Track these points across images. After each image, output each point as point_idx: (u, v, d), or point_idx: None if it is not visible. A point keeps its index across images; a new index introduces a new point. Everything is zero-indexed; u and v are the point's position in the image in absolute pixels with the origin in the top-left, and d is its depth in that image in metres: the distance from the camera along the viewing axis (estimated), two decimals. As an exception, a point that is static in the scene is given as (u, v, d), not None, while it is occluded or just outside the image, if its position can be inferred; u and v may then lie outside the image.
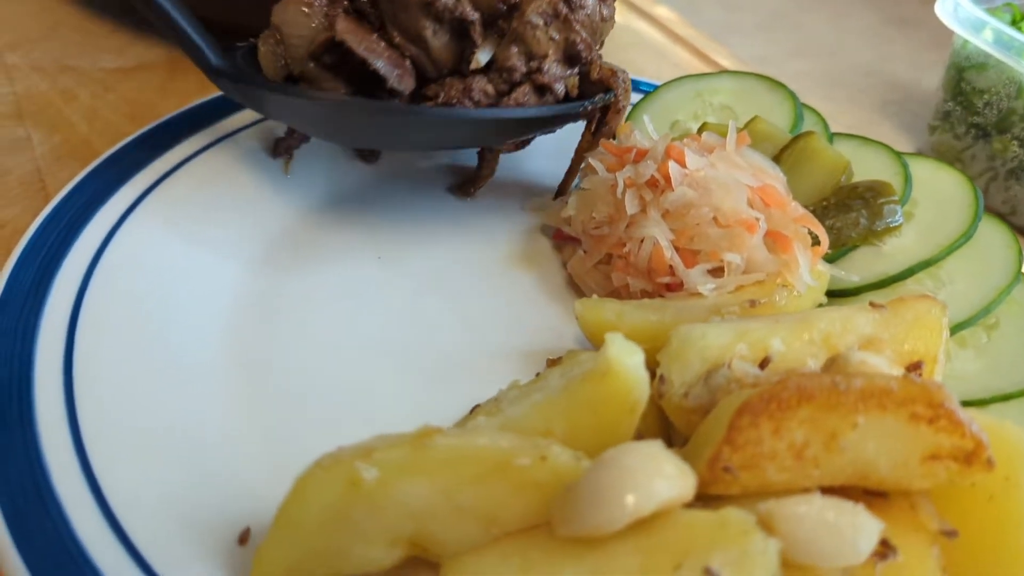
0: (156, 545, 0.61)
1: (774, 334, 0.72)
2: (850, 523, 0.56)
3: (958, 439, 0.59)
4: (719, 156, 0.93)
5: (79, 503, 0.63)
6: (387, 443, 0.60)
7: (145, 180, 0.92)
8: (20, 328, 0.73)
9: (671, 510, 0.57)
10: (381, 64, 0.87)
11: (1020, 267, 0.91)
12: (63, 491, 0.63)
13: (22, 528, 0.60)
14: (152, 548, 0.61)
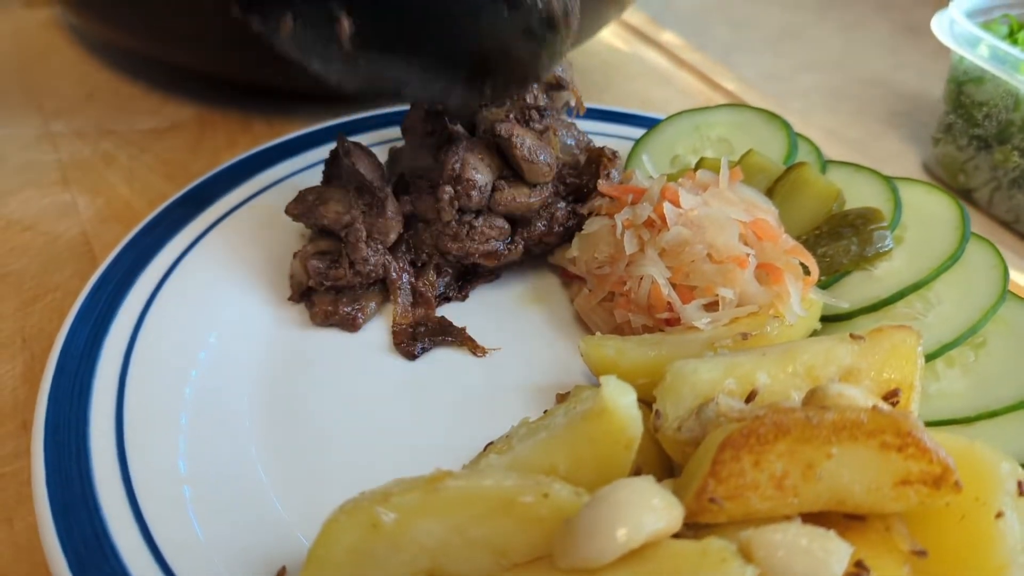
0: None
1: (760, 368, 0.77)
2: (822, 548, 0.61)
3: (926, 464, 0.65)
4: (712, 193, 0.99)
5: (134, 549, 0.70)
6: (403, 487, 0.67)
7: (183, 242, 1.00)
8: (76, 391, 0.82)
9: (660, 540, 0.63)
10: None
11: (1006, 287, 0.95)
12: (119, 540, 0.71)
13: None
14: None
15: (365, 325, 0.99)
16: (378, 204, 0.94)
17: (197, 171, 1.27)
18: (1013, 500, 0.67)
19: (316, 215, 0.96)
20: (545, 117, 1.00)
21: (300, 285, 0.98)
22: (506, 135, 0.95)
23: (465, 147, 0.95)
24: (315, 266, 0.95)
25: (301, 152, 1.16)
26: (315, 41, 0.80)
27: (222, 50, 1.25)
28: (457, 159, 0.94)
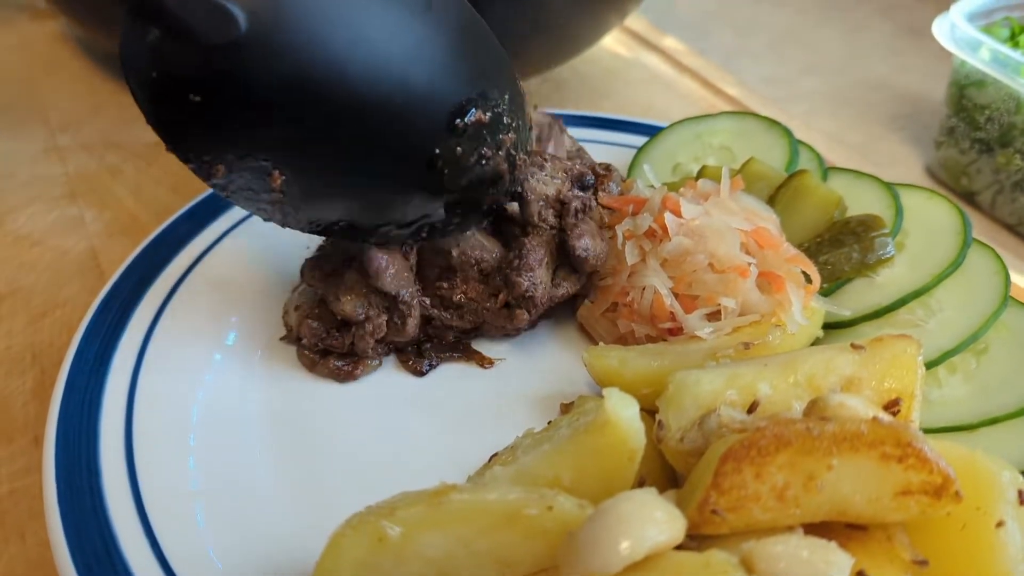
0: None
1: (762, 379, 0.78)
2: (823, 559, 0.61)
3: (927, 475, 0.65)
4: (713, 203, 1.00)
5: (145, 565, 0.71)
6: (408, 501, 0.68)
7: (188, 258, 1.01)
8: (86, 408, 0.83)
9: (663, 552, 0.63)
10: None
11: (1007, 293, 0.96)
12: (130, 555, 0.72)
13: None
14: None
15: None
16: (400, 316, 0.91)
17: (202, 185, 1.29)
18: (1014, 509, 0.68)
19: (329, 298, 0.91)
20: (592, 207, 1.00)
21: (293, 331, 0.95)
22: (583, 254, 0.95)
23: (534, 259, 0.93)
24: (312, 328, 0.92)
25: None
26: (248, 187, 0.80)
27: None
28: (532, 281, 0.93)
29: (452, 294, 0.94)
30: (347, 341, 0.91)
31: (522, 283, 0.90)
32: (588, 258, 0.93)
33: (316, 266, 0.92)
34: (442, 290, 0.95)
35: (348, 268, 0.90)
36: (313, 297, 0.93)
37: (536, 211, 0.94)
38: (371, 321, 0.89)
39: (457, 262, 0.93)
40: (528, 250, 0.91)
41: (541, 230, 0.94)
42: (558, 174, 0.97)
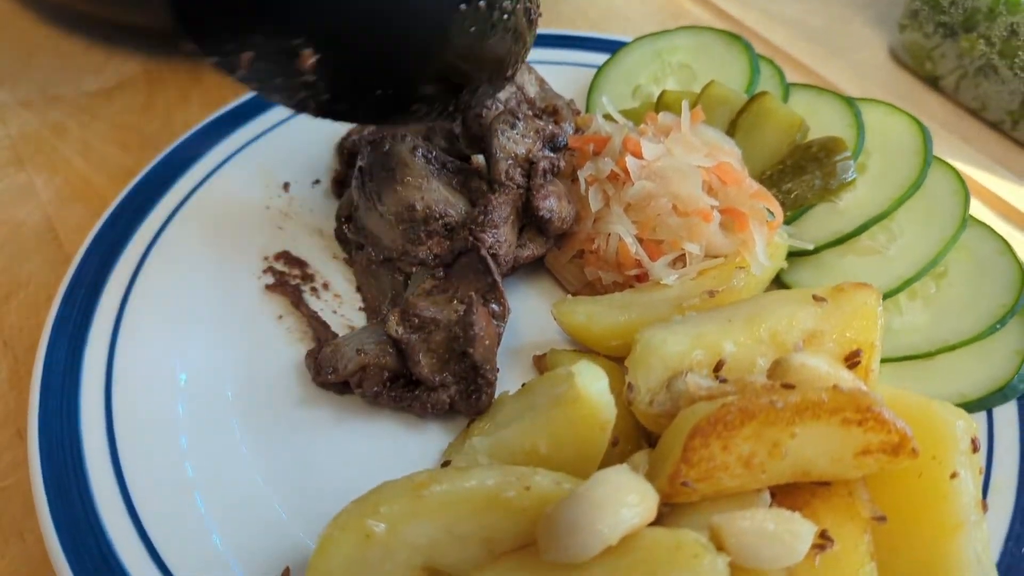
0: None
1: (726, 337, 0.80)
2: (788, 531, 0.65)
3: (885, 435, 0.68)
4: (675, 139, 0.98)
5: (139, 562, 0.74)
6: (390, 495, 0.70)
7: (149, 230, 1.00)
8: (64, 408, 0.84)
9: (637, 531, 0.66)
10: None
11: (966, 214, 0.97)
12: (125, 555, 0.74)
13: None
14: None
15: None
16: (477, 389, 0.86)
17: (151, 134, 1.25)
18: (967, 459, 0.71)
19: (413, 356, 0.86)
20: (561, 168, 0.97)
21: (339, 372, 0.88)
22: (547, 215, 0.93)
23: (499, 216, 0.91)
24: (377, 377, 0.87)
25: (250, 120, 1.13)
26: (275, 73, 0.76)
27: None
28: (496, 238, 0.91)
29: (418, 251, 0.93)
30: (408, 398, 0.88)
31: (486, 239, 0.89)
32: (552, 220, 0.93)
33: (404, 318, 0.87)
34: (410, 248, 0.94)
35: (436, 327, 0.87)
36: (378, 342, 0.88)
37: (504, 169, 0.92)
38: (447, 390, 0.86)
39: (422, 216, 0.92)
40: (493, 207, 0.90)
41: (508, 188, 0.93)
42: (530, 133, 0.95)
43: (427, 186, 0.92)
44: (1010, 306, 0.91)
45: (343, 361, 0.86)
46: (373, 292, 0.99)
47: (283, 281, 1.00)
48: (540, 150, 0.95)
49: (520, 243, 0.95)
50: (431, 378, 0.85)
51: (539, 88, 1.12)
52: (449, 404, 0.86)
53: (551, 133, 0.96)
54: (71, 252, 1.08)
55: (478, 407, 0.87)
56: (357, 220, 0.99)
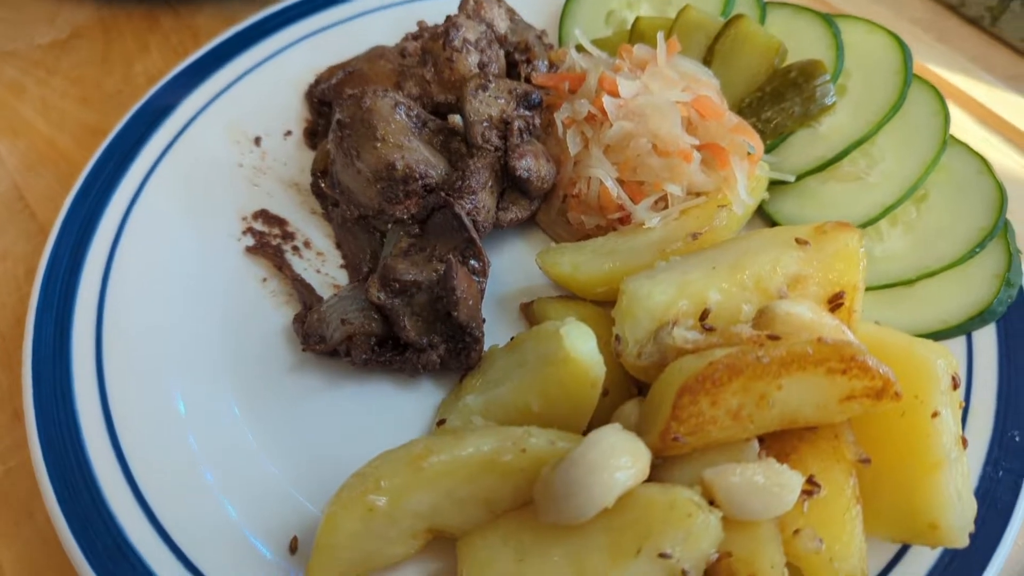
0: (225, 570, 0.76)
1: (711, 286, 0.80)
2: (776, 483, 0.67)
3: (869, 381, 0.69)
4: (651, 74, 0.96)
5: (150, 544, 0.76)
6: (389, 468, 0.72)
7: (124, 198, 0.98)
8: (58, 392, 0.84)
9: (632, 491, 0.69)
10: None
11: (947, 135, 0.96)
12: (135, 538, 0.76)
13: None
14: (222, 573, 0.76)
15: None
16: (466, 348, 0.86)
17: (112, 88, 1.22)
18: (948, 397, 0.73)
19: (398, 321, 0.86)
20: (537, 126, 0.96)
21: (327, 341, 0.88)
22: (524, 174, 0.92)
23: (476, 182, 0.90)
24: (366, 344, 0.87)
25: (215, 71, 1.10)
26: None
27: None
28: (474, 204, 0.90)
29: (395, 209, 0.92)
30: (398, 361, 0.88)
31: (464, 205, 0.88)
32: (531, 179, 0.91)
33: (384, 284, 0.87)
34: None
35: (418, 289, 0.87)
36: (362, 310, 0.88)
37: (479, 132, 0.90)
38: (435, 349, 0.87)
39: (401, 175, 0.91)
40: (471, 172, 0.89)
41: (485, 152, 0.91)
42: (502, 94, 0.92)
43: (408, 145, 0.90)
44: (989, 228, 0.91)
45: (329, 330, 0.86)
46: (352, 248, 0.98)
47: (264, 242, 0.99)
48: (514, 110, 0.93)
49: (503, 206, 0.94)
50: (419, 340, 0.86)
51: (509, 21, 1.08)
52: (439, 362, 0.87)
53: (524, 91, 0.94)
54: (44, 222, 1.07)
55: (468, 363, 0.88)
56: (334, 175, 0.97)
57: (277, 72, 1.11)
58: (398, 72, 1.01)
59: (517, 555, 0.71)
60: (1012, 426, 0.83)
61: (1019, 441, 0.82)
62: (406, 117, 0.93)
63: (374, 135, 0.91)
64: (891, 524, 0.73)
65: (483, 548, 0.73)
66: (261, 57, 1.12)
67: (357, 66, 1.06)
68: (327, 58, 1.12)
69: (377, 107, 0.92)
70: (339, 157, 0.95)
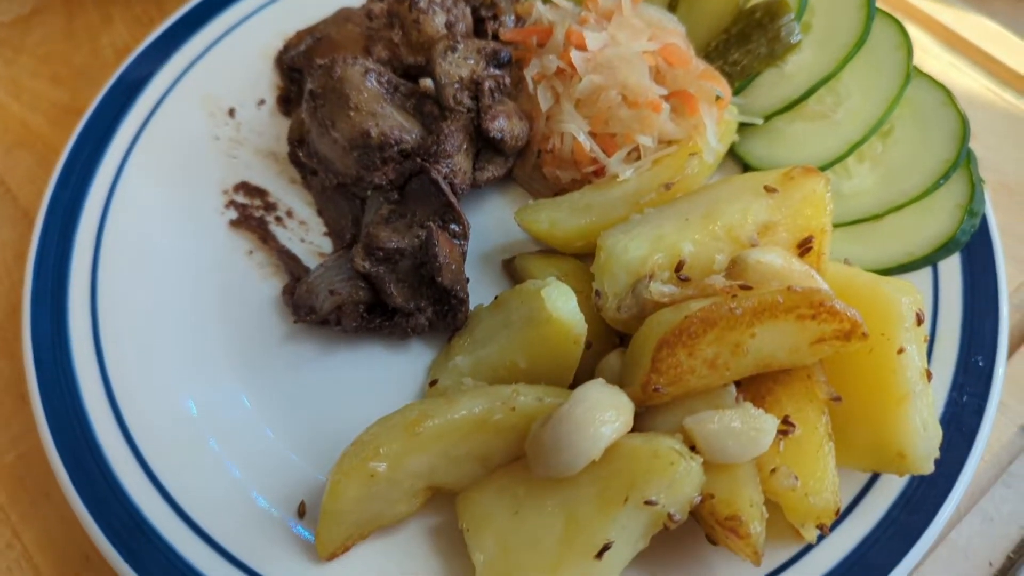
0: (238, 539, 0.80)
1: (684, 238, 0.83)
2: (753, 427, 0.71)
3: (837, 324, 0.73)
4: (617, 25, 0.97)
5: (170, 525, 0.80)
6: (387, 436, 0.76)
7: (104, 181, 0.99)
8: (62, 377, 0.87)
9: (617, 442, 0.73)
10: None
11: (910, 69, 0.98)
12: (150, 513, 0.80)
13: (128, 548, 0.79)
14: (235, 542, 0.80)
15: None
16: (452, 310, 0.89)
17: (81, 63, 1.21)
18: (913, 333, 0.77)
19: (386, 288, 0.89)
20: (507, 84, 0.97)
21: (317, 312, 0.90)
22: (497, 135, 0.93)
23: (451, 145, 0.91)
24: (356, 313, 0.90)
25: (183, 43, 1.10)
26: None
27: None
28: (450, 168, 0.92)
29: (373, 176, 0.94)
30: (388, 326, 0.91)
31: (440, 169, 0.90)
32: (505, 139, 0.93)
33: (368, 253, 0.89)
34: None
35: (402, 257, 0.89)
36: (348, 279, 0.90)
37: (451, 94, 0.91)
38: (423, 312, 0.90)
39: (377, 142, 0.92)
40: (445, 136, 0.90)
41: (458, 114, 0.92)
42: (471, 54, 0.93)
43: (381, 112, 0.91)
44: (952, 160, 0.94)
45: (318, 301, 0.89)
46: (334, 216, 1.00)
47: (247, 215, 1.01)
48: (484, 69, 0.94)
49: (479, 166, 0.95)
50: (406, 305, 0.89)
51: (473, -22, 1.08)
52: (428, 325, 0.90)
53: (492, 50, 0.95)
54: (26, 205, 1.08)
55: (455, 323, 0.91)
56: (310, 144, 0.99)
57: (245, 40, 1.11)
58: (366, 36, 1.02)
59: (512, 507, 0.75)
60: (976, 351, 0.88)
61: (982, 366, 0.87)
62: (377, 84, 0.94)
63: (347, 104, 0.92)
64: (862, 455, 0.78)
65: (480, 503, 0.78)
66: (228, 25, 1.11)
67: (325, 31, 1.06)
68: (294, 22, 1.12)
69: (348, 76, 0.93)
70: (314, 127, 0.96)
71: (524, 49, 1.01)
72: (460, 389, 0.83)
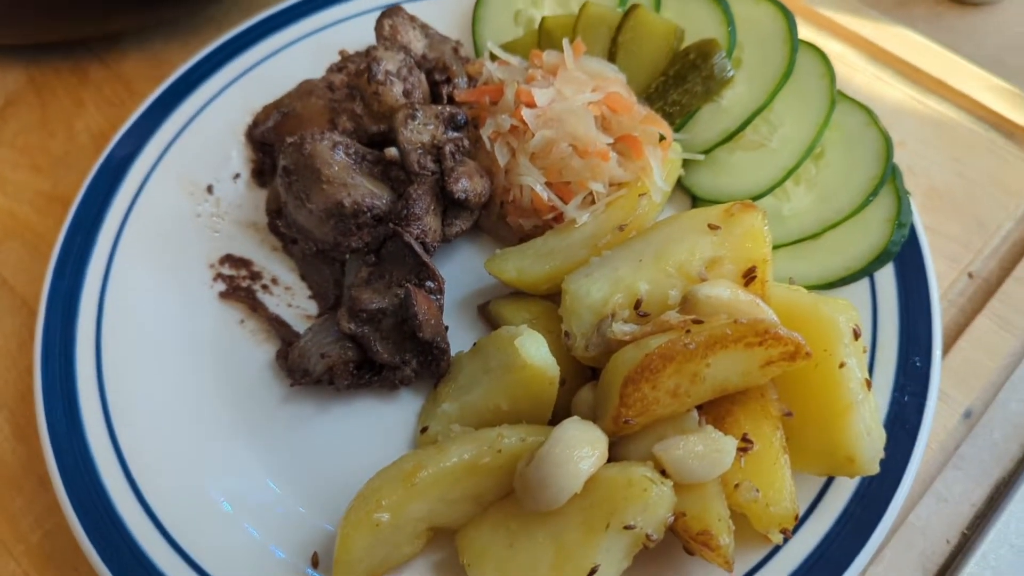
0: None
1: (640, 277, 0.91)
2: (715, 449, 0.79)
3: (783, 347, 0.81)
4: (563, 79, 1.05)
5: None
6: (387, 487, 0.83)
7: (98, 271, 1.05)
8: (79, 459, 0.93)
9: (595, 474, 0.80)
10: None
11: (834, 95, 1.06)
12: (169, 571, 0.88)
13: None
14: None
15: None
16: (435, 360, 0.97)
17: (58, 150, 1.27)
18: (852, 347, 0.85)
19: (372, 347, 0.97)
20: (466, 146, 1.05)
21: (311, 374, 0.98)
22: (462, 196, 1.01)
23: (420, 208, 0.99)
24: (348, 372, 0.98)
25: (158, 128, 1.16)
26: None
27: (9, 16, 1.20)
28: (421, 229, 0.99)
29: (350, 241, 1.01)
30: (377, 380, 0.99)
31: (412, 231, 0.97)
32: (469, 198, 1.00)
33: (352, 315, 0.96)
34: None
35: (384, 316, 0.96)
36: (336, 341, 0.97)
37: (415, 160, 0.99)
38: (408, 365, 0.97)
39: (351, 211, 0.99)
40: (414, 200, 0.98)
41: (423, 178, 1.00)
42: (430, 120, 1.01)
43: (352, 182, 0.99)
44: (879, 176, 1.03)
45: (311, 364, 0.96)
46: (316, 279, 1.07)
47: (235, 286, 1.07)
48: (444, 133, 1.01)
49: (448, 222, 1.03)
50: (392, 360, 0.96)
51: (425, 38, 1.16)
52: (414, 376, 0.98)
53: (450, 114, 1.02)
54: (24, 294, 1.14)
55: (439, 372, 0.98)
56: (288, 216, 1.06)
57: (215, 118, 1.18)
58: (330, 109, 1.09)
59: (507, 540, 0.83)
60: (913, 353, 0.96)
61: (920, 366, 0.95)
62: (345, 155, 1.02)
63: (319, 178, 0.99)
64: (815, 462, 0.86)
65: (478, 539, 0.85)
66: (197, 106, 1.18)
67: (290, 105, 1.13)
68: (259, 97, 1.19)
69: (318, 151, 1.00)
70: (290, 201, 1.03)
71: (479, 108, 1.08)
72: (449, 436, 0.91)
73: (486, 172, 1.06)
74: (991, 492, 1.00)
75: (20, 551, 0.98)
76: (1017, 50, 1.36)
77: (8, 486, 1.01)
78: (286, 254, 1.11)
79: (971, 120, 1.24)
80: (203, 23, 1.37)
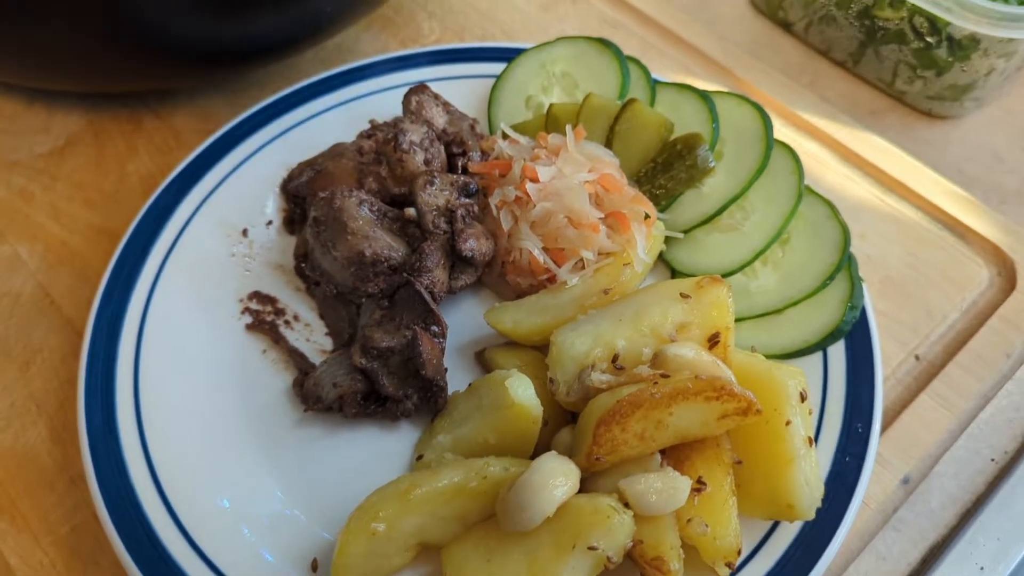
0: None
1: (618, 335, 1.04)
2: (672, 486, 0.91)
3: (736, 404, 0.94)
4: (564, 159, 1.20)
5: (203, 574, 0.99)
6: (385, 502, 0.95)
7: (141, 296, 1.18)
8: (112, 462, 1.05)
9: (567, 502, 0.92)
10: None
11: (801, 189, 1.21)
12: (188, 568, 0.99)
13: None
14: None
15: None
16: (434, 396, 1.10)
17: (110, 188, 1.41)
18: (798, 408, 0.98)
19: (381, 380, 1.09)
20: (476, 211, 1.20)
21: (323, 401, 1.10)
22: (468, 254, 1.15)
23: (431, 262, 1.12)
24: (357, 402, 1.10)
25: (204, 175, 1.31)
26: None
27: (73, 71, 1.35)
28: (431, 280, 1.12)
29: (367, 287, 1.14)
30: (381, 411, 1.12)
31: (423, 282, 1.11)
32: (475, 256, 1.14)
33: (364, 351, 1.09)
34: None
35: (392, 354, 1.09)
36: (348, 373, 1.10)
37: (430, 220, 1.13)
38: (410, 399, 1.10)
39: (370, 260, 1.13)
40: (426, 254, 1.12)
41: (436, 236, 1.14)
42: (446, 186, 1.16)
43: (373, 235, 1.13)
44: (837, 263, 1.16)
45: (324, 392, 1.09)
46: (334, 319, 1.21)
47: (260, 319, 1.21)
48: (457, 199, 1.16)
49: (454, 276, 1.16)
50: (396, 393, 1.09)
51: (445, 114, 1.31)
52: (414, 409, 1.10)
53: (463, 183, 1.17)
54: (69, 315, 1.27)
55: (437, 407, 1.11)
56: (313, 261, 1.20)
57: (254, 170, 1.33)
58: (358, 170, 1.23)
59: (486, 556, 0.94)
60: (856, 420, 1.08)
61: (861, 431, 1.07)
62: (369, 212, 1.16)
63: (345, 229, 1.13)
64: (761, 506, 0.98)
65: (460, 554, 0.97)
66: (239, 159, 1.32)
67: (323, 164, 1.27)
68: (295, 154, 1.33)
69: (345, 206, 1.15)
70: (317, 248, 1.17)
71: (489, 179, 1.23)
72: (442, 462, 1.03)
73: (491, 235, 1.20)
74: (926, 554, 1.10)
75: (48, 542, 1.09)
76: (975, 161, 1.51)
77: (42, 484, 1.13)
78: (308, 295, 1.24)
79: (927, 220, 1.38)
80: (249, 85, 1.53)
